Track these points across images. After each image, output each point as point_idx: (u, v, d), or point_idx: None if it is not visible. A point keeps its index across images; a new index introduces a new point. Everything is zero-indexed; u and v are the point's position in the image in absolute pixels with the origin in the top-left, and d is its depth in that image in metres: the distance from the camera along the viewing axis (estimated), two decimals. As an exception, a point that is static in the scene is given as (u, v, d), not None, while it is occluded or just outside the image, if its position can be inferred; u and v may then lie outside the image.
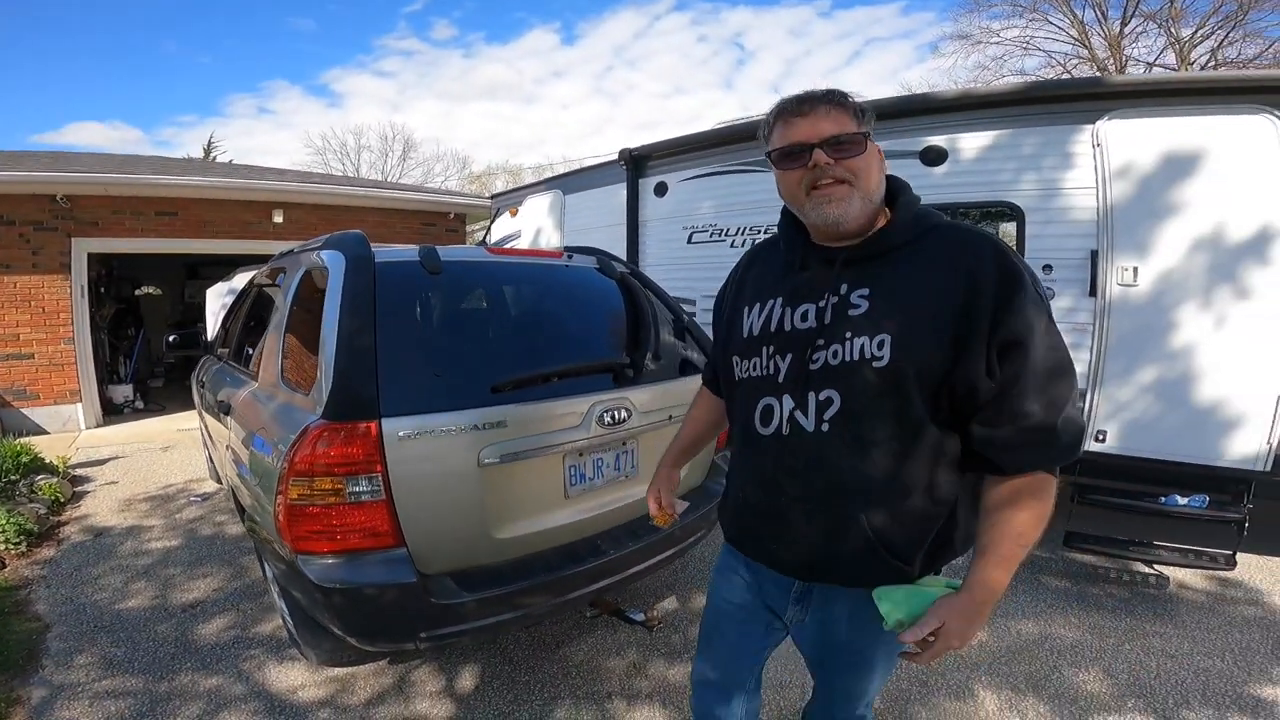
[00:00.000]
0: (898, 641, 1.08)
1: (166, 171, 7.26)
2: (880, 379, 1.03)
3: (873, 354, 1.03)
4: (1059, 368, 1.00)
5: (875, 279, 1.07)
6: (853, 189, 1.05)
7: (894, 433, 1.05)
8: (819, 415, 1.08)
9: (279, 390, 2.14)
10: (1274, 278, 2.73)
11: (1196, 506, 2.93)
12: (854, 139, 1.05)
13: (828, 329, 1.08)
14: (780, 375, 1.13)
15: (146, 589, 3.00)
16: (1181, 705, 2.16)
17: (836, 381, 1.07)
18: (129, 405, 7.39)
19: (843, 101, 1.07)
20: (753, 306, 1.22)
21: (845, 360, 1.06)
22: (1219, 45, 13.88)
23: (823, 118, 1.06)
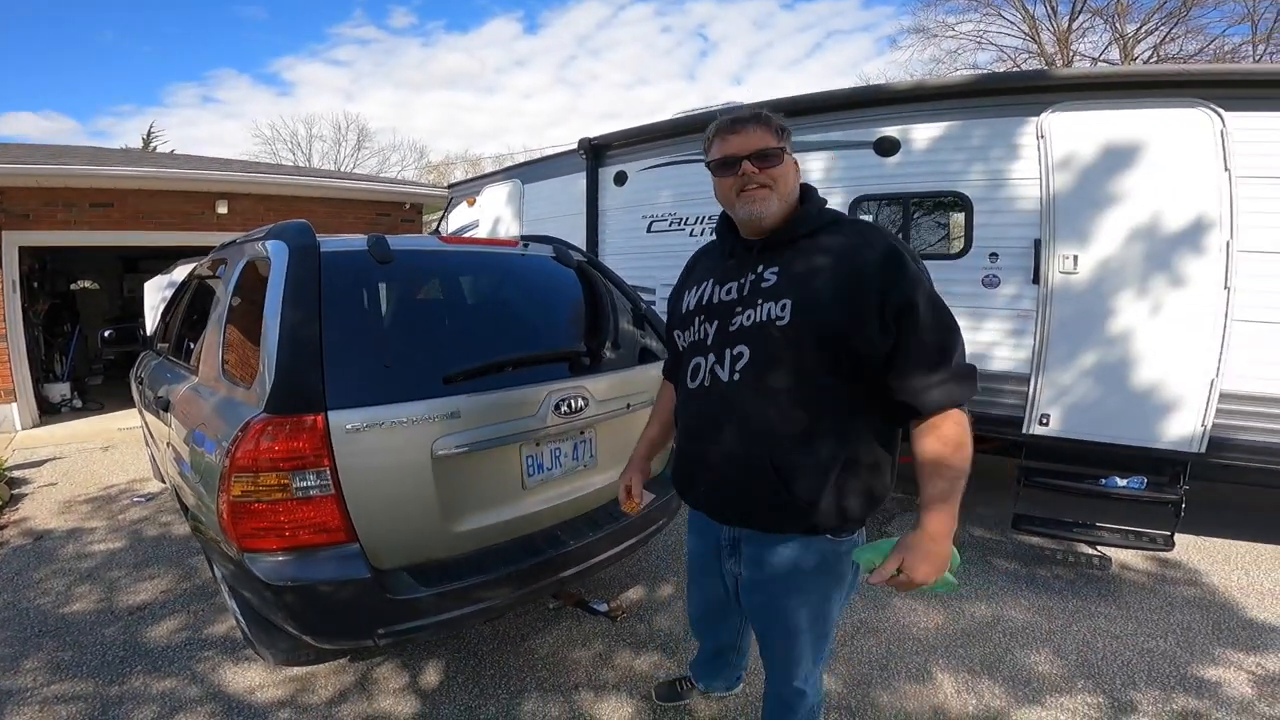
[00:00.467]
0: (868, 583, 1.26)
1: (102, 162, 6.92)
2: (782, 335, 1.26)
3: (776, 315, 1.27)
4: (944, 324, 1.24)
5: (783, 261, 1.33)
6: (772, 192, 1.32)
7: (793, 382, 1.27)
8: (732, 367, 1.33)
9: (220, 384, 2.06)
10: (1207, 266, 2.86)
11: (1135, 488, 3.06)
12: (774, 152, 1.31)
13: (744, 299, 1.34)
14: (708, 339, 1.38)
15: (91, 592, 2.89)
16: (1128, 685, 2.24)
17: (747, 339, 1.31)
18: (66, 404, 7.06)
19: (767, 122, 1.32)
20: (692, 289, 1.49)
21: (755, 321, 1.30)
22: (1161, 41, 14.51)
23: (750, 135, 1.31)
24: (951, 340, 1.24)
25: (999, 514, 3.58)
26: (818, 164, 3.88)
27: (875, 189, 3.73)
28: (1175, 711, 2.10)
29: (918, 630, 2.59)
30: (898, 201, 3.72)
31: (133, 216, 6.54)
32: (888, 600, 2.81)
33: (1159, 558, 3.21)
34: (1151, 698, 2.17)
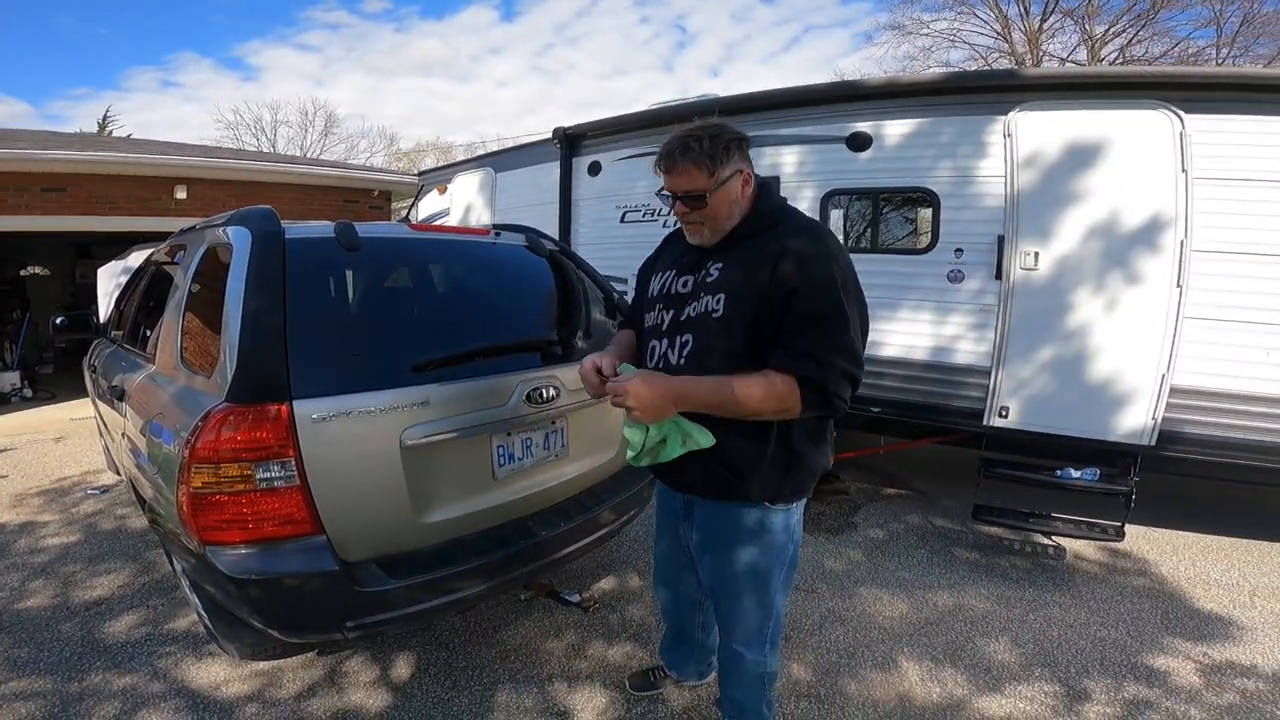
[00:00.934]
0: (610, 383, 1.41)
1: (53, 146, 6.63)
2: (717, 325, 1.43)
3: (713, 308, 1.44)
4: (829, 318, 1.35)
5: (727, 258, 1.48)
6: (703, 227, 1.48)
7: (726, 365, 1.40)
8: (680, 352, 1.49)
9: (179, 373, 1.99)
10: (1161, 264, 2.95)
11: (1089, 479, 3.15)
12: (699, 197, 1.42)
13: (693, 292, 1.50)
14: (663, 325, 1.55)
15: (47, 587, 2.79)
16: (1082, 674, 2.30)
17: (692, 328, 1.48)
18: (16, 394, 6.79)
19: (698, 160, 1.40)
20: (659, 275, 1.64)
21: (698, 312, 1.47)
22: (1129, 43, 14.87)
23: (680, 175, 1.43)
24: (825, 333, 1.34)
25: (961, 505, 3.68)
26: (790, 158, 3.91)
27: (846, 184, 3.77)
28: (1126, 699, 2.17)
29: (883, 619, 2.65)
30: (868, 196, 3.77)
31: (86, 201, 6.28)
32: (855, 590, 2.87)
33: (1110, 548, 3.31)
34: (1104, 686, 2.24)
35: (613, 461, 2.49)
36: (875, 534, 3.51)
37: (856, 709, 2.11)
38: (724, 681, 1.83)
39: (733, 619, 1.66)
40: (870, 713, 2.09)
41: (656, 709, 2.09)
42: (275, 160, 8.78)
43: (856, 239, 3.93)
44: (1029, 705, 2.13)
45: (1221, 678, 2.29)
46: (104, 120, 21.64)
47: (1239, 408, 2.93)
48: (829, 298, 1.35)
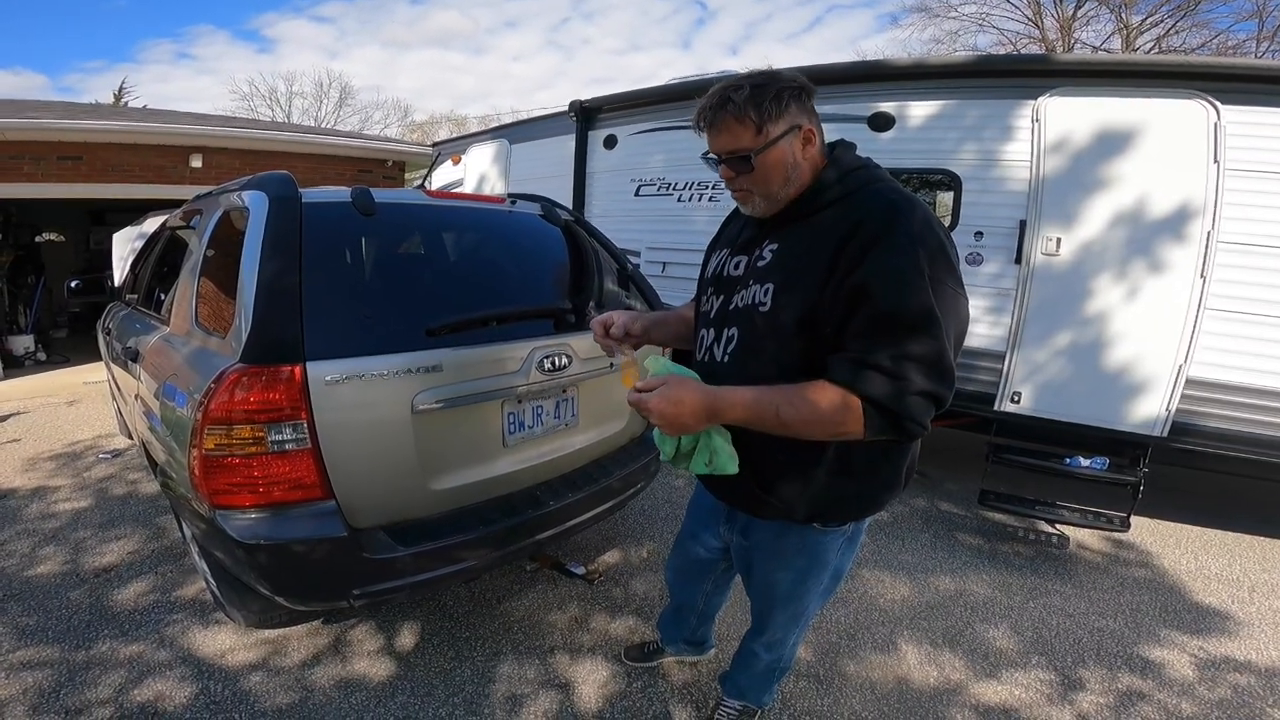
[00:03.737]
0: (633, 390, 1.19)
1: (70, 115, 6.64)
2: (764, 322, 1.19)
3: (760, 300, 1.20)
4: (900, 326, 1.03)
5: (784, 237, 1.22)
6: (751, 194, 1.22)
7: (775, 372, 1.16)
8: (725, 348, 1.28)
9: (193, 334, 1.99)
10: (1185, 255, 2.91)
11: (1098, 468, 3.14)
12: (743, 159, 1.16)
13: (743, 278, 1.26)
14: (713, 312, 1.34)
15: (56, 554, 2.81)
16: (1078, 664, 2.31)
17: (739, 320, 1.25)
18: (30, 357, 6.84)
19: (740, 114, 1.14)
20: (716, 254, 1.42)
21: (745, 304, 1.23)
22: (1165, 33, 14.48)
23: (722, 132, 1.18)
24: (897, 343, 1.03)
25: (967, 490, 3.66)
26: (810, 137, 3.86)
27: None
28: (1120, 690, 2.18)
29: (885, 602, 2.66)
30: None
31: (102, 170, 6.31)
32: (857, 572, 2.88)
33: (1114, 538, 3.31)
34: (1099, 676, 2.25)
35: (621, 433, 2.50)
36: (880, 516, 3.50)
37: (855, 690, 2.12)
38: (736, 664, 1.81)
39: (764, 624, 1.60)
40: (868, 694, 2.10)
41: (657, 683, 2.11)
42: (290, 129, 8.76)
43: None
44: (1024, 692, 2.14)
45: (1216, 672, 2.29)
46: (119, 92, 21.66)
47: (1255, 402, 2.90)
48: (909, 292, 1.02)
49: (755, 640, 1.65)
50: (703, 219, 4.39)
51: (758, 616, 1.61)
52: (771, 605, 1.52)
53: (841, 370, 1.05)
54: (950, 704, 2.08)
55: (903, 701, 2.08)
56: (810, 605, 1.52)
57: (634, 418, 2.55)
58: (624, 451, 2.50)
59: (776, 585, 1.47)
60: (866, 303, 1.04)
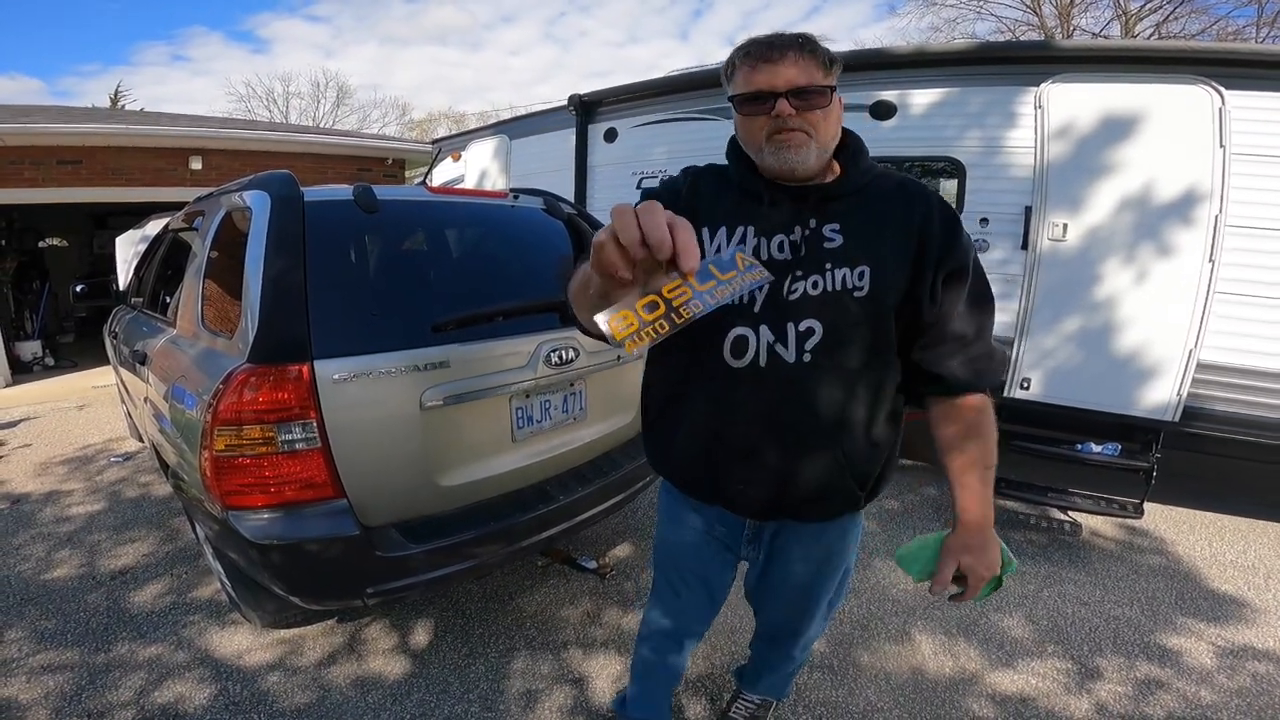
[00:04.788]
0: (931, 593, 1.16)
1: (68, 119, 6.65)
2: (860, 309, 1.08)
3: (854, 284, 1.08)
4: (987, 299, 1.13)
5: (842, 216, 1.11)
6: (811, 139, 1.06)
7: (868, 361, 1.11)
8: (800, 346, 1.09)
9: (200, 336, 1.99)
10: (1194, 239, 2.89)
11: (1109, 454, 3.11)
12: (819, 91, 1.04)
13: (804, 260, 1.09)
14: (756, 305, 1.11)
15: (72, 557, 2.83)
16: (1095, 652, 2.29)
17: (817, 312, 1.08)
18: (38, 362, 6.88)
19: (813, 49, 1.05)
20: (716, 229, 1.14)
21: (827, 290, 1.08)
22: (1164, 20, 14.35)
23: (791, 65, 1.04)
24: (989, 320, 1.14)
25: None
26: (811, 125, 3.85)
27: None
28: (1138, 679, 2.16)
29: (898, 592, 2.65)
30: (891, 165, 3.70)
31: (102, 173, 6.32)
32: (870, 561, 2.87)
33: (1128, 525, 3.28)
34: (1116, 665, 2.23)
35: (630, 426, 2.49)
36: (891, 505, 3.50)
37: (869, 680, 2.12)
38: (763, 667, 1.71)
39: (801, 626, 1.49)
40: (883, 685, 2.10)
41: (672, 675, 2.11)
42: (289, 130, 8.77)
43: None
44: (1041, 681, 2.13)
45: (1234, 660, 2.27)
46: (115, 95, 21.63)
47: (1267, 385, 2.87)
48: (986, 280, 1.12)
49: (792, 646, 1.55)
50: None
51: (796, 628, 1.49)
52: (811, 606, 1.42)
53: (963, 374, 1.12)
54: (966, 694, 2.07)
55: (918, 691, 2.08)
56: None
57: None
58: (633, 444, 2.49)
59: (819, 584, 1.37)
60: (962, 290, 1.09)
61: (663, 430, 1.29)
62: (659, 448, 1.32)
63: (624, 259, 0.63)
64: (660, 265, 0.62)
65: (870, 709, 2.00)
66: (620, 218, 0.63)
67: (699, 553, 1.40)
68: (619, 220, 0.63)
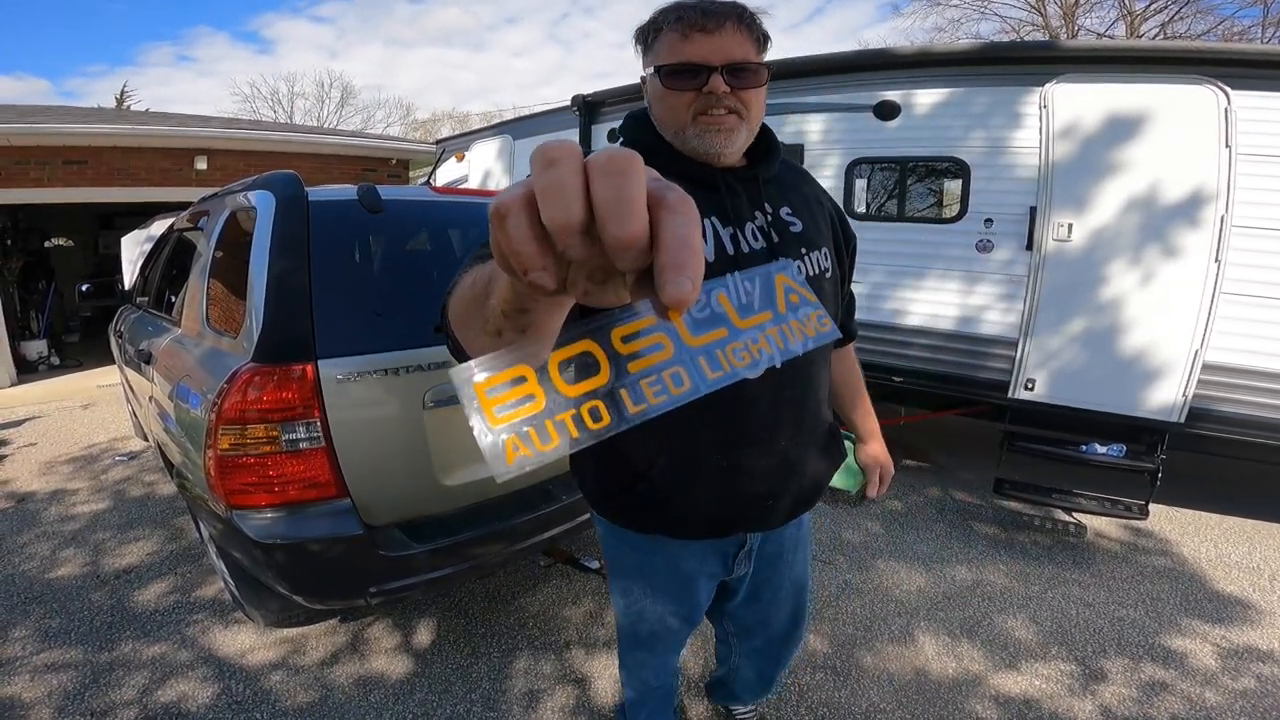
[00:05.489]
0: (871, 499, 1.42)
1: (74, 120, 6.68)
2: (831, 289, 1.13)
3: (825, 266, 1.11)
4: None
5: (787, 199, 1.10)
6: (742, 121, 0.98)
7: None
8: None
9: (204, 335, 2.00)
10: (1199, 239, 2.87)
11: (1114, 455, 3.10)
12: (756, 70, 0.96)
13: (779, 247, 1.04)
14: None
15: (77, 556, 2.84)
16: (1099, 654, 2.28)
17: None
18: (44, 362, 6.90)
19: (750, 23, 0.97)
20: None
21: (810, 275, 1.08)
22: (1170, 20, 14.29)
23: (728, 38, 0.94)
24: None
25: (981, 479, 3.64)
26: (815, 126, 3.85)
27: (872, 152, 3.70)
28: (1143, 681, 2.15)
29: (900, 593, 2.64)
30: (894, 165, 3.70)
31: (108, 173, 6.34)
32: (872, 562, 2.86)
33: (1132, 526, 3.27)
34: (1121, 666, 2.22)
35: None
36: (894, 506, 3.49)
37: (872, 682, 2.11)
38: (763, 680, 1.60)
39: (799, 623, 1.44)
40: (885, 686, 2.09)
41: (674, 675, 2.11)
42: (294, 130, 8.80)
43: (881, 207, 3.87)
44: (1045, 684, 2.12)
45: (1239, 662, 2.26)
46: (121, 96, 21.77)
47: (1273, 386, 2.85)
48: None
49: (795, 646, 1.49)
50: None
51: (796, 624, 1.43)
52: (807, 597, 1.42)
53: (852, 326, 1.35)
54: (970, 695, 2.06)
55: (921, 693, 2.07)
56: None
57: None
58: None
59: (804, 575, 1.39)
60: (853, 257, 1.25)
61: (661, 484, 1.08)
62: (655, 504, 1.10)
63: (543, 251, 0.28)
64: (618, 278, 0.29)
65: (873, 710, 1.99)
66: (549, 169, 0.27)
67: (683, 599, 1.27)
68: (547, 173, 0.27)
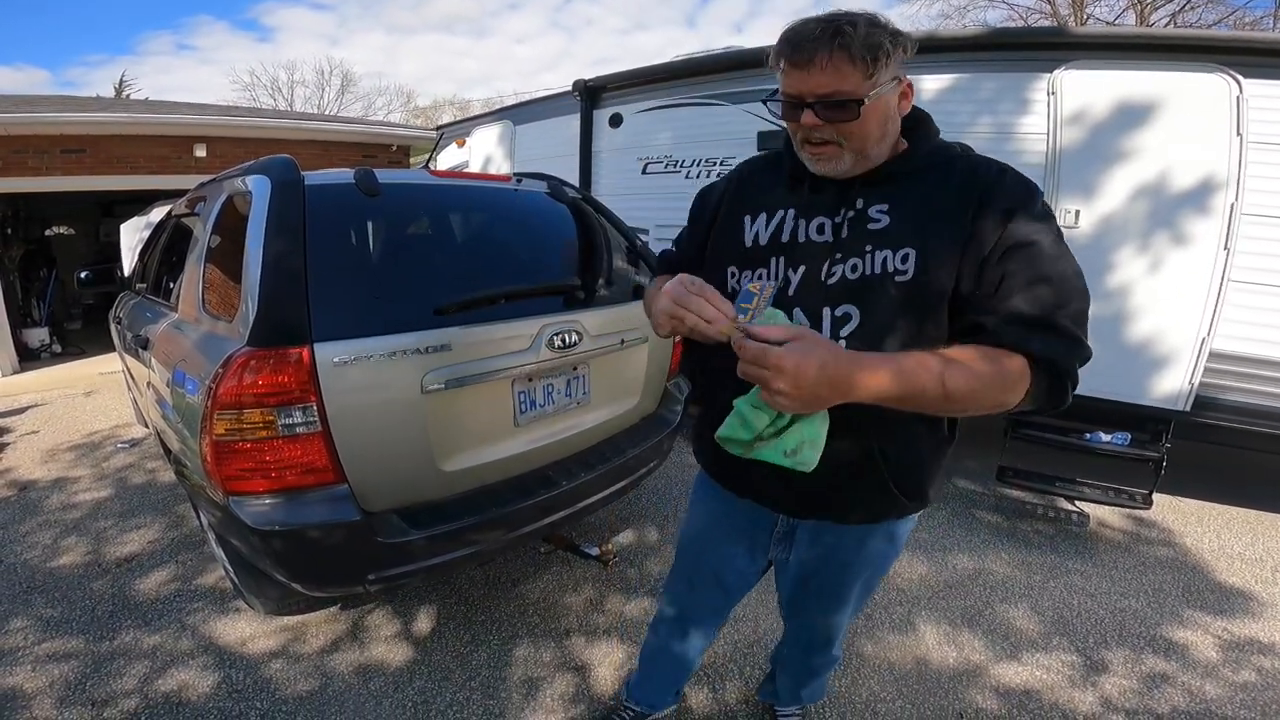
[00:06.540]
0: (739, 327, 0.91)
1: (72, 109, 6.66)
2: (903, 294, 0.99)
3: (896, 268, 0.99)
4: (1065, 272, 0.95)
5: (893, 197, 1.03)
6: (842, 150, 1.00)
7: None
8: (835, 332, 1.02)
9: (201, 320, 1.98)
10: (1209, 227, 2.84)
11: (1119, 444, 3.08)
12: (847, 103, 0.95)
13: (845, 243, 1.03)
14: (791, 288, 1.05)
15: (79, 544, 2.84)
16: (1100, 644, 2.27)
17: (856, 296, 1.01)
18: (46, 349, 6.92)
19: (848, 49, 0.93)
20: (756, 216, 1.12)
21: (866, 274, 1.00)
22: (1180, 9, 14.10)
23: (819, 71, 0.94)
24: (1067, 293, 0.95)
25: (984, 466, 3.62)
26: (818, 111, 3.81)
27: None
28: (1144, 672, 2.14)
29: (902, 581, 2.63)
30: None
31: (107, 161, 6.33)
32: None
33: (1135, 516, 3.25)
34: (1122, 657, 2.21)
35: (633, 411, 2.48)
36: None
37: (873, 671, 2.11)
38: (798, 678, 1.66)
39: (836, 630, 1.45)
40: (886, 675, 2.09)
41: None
42: (293, 117, 8.77)
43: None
44: (1046, 674, 2.11)
45: (1240, 654, 2.25)
46: (120, 85, 21.69)
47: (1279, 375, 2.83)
48: (1066, 256, 0.96)
49: (833, 647, 1.51)
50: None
51: (826, 630, 1.43)
52: (846, 609, 1.36)
53: (1013, 331, 0.92)
54: (970, 685, 2.06)
55: (922, 682, 2.07)
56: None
57: (647, 394, 2.52)
58: (637, 429, 2.48)
59: (859, 588, 1.31)
60: (1028, 260, 0.94)
61: (699, 413, 1.26)
62: (695, 432, 1.31)
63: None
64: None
65: (874, 699, 1.99)
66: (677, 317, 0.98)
67: (719, 548, 1.37)
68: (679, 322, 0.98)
